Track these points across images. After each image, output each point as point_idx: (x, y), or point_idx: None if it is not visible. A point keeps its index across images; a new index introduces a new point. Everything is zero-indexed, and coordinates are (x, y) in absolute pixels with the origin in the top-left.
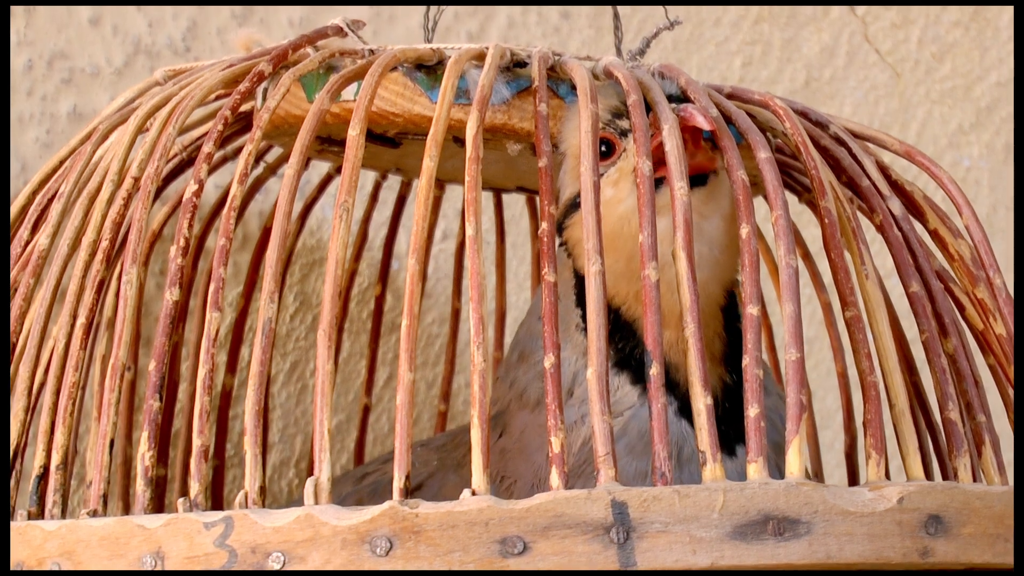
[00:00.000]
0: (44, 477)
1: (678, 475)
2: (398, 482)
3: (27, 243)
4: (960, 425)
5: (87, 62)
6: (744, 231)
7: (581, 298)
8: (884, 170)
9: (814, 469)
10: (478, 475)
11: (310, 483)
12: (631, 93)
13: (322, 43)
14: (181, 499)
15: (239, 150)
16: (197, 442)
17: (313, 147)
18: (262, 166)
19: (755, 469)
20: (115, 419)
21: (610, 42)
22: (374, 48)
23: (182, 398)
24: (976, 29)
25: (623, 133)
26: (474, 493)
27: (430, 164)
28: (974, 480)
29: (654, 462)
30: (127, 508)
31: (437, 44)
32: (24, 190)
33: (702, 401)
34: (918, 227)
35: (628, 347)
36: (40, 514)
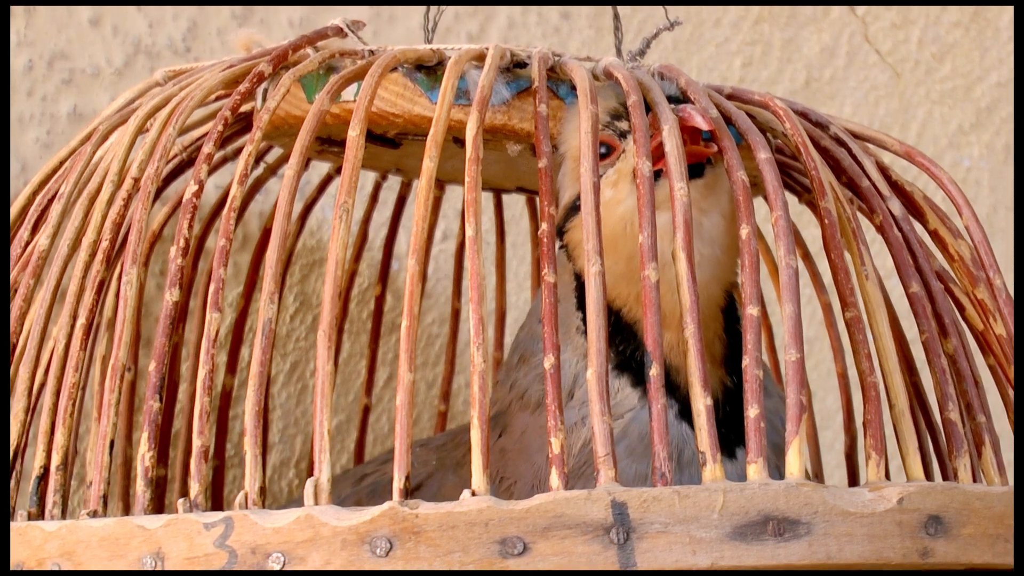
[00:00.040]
0: (44, 478)
1: (678, 478)
2: (398, 483)
3: (27, 243)
4: (960, 425)
5: (87, 62)
6: (744, 231)
7: (582, 301)
8: (884, 171)
9: (814, 470)
10: (478, 475)
11: (310, 484)
12: (631, 94)
13: (322, 44)
14: (181, 500)
15: (239, 151)
16: (197, 442)
17: (313, 148)
18: (262, 167)
19: (755, 470)
20: (115, 420)
21: (610, 43)
22: (374, 49)
23: (182, 399)
24: (976, 29)
25: (621, 135)
26: (474, 494)
27: (430, 165)
28: (974, 480)
29: (654, 462)
30: (127, 509)
31: (437, 45)
32: (24, 190)
33: (702, 401)
34: (918, 228)
35: (629, 350)
36: (40, 515)
